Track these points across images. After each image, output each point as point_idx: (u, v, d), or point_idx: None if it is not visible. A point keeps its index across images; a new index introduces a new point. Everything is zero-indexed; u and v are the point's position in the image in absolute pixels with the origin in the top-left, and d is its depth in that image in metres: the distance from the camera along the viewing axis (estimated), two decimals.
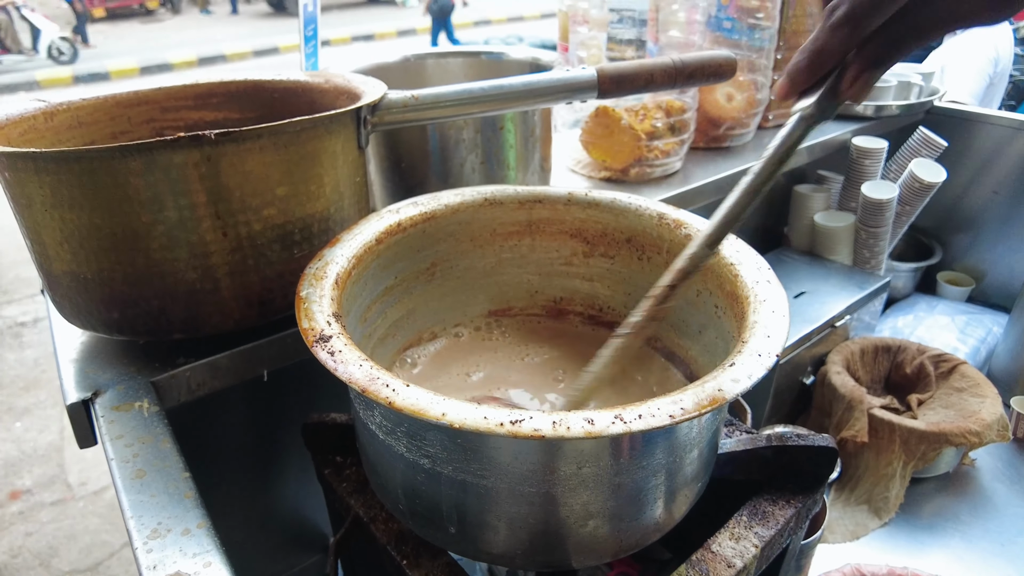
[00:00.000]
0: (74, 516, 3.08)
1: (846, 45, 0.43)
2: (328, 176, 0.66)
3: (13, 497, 3.16)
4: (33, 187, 0.58)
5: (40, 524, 3.03)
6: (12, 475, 3.26)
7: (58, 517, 3.06)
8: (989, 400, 1.11)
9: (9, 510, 3.09)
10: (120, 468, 0.54)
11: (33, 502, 3.12)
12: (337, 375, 0.44)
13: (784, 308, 0.53)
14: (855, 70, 0.43)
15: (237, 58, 10.85)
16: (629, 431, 0.40)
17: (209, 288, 0.61)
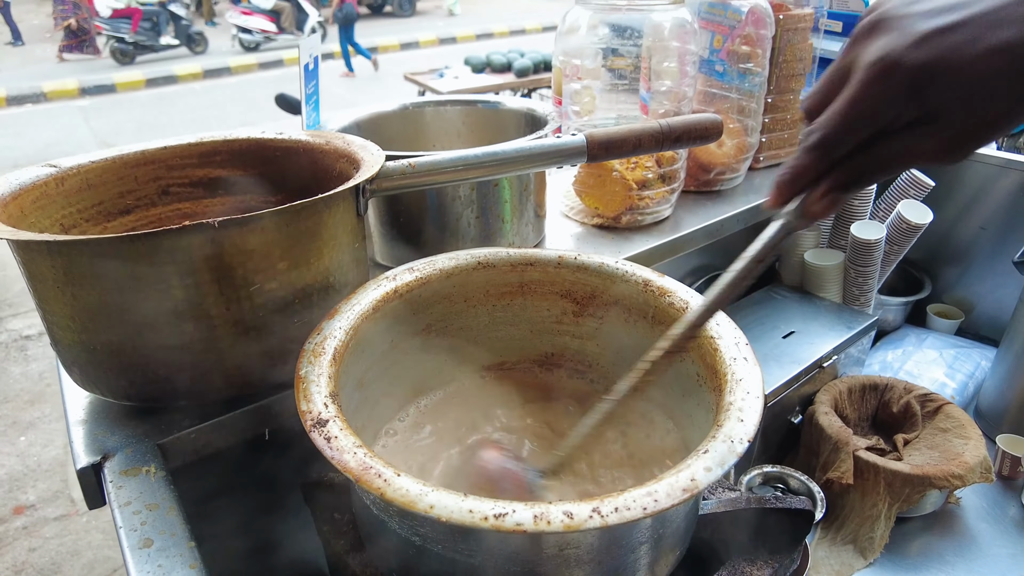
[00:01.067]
0: (77, 532, 3.10)
1: (817, 169, 0.47)
2: (327, 247, 0.69)
3: (17, 512, 3.19)
4: (45, 267, 0.61)
5: (44, 539, 3.06)
6: (16, 490, 3.29)
7: (61, 533, 3.09)
8: (973, 442, 1.14)
9: (13, 525, 3.12)
10: (128, 536, 0.57)
11: (37, 517, 3.15)
12: (332, 462, 0.47)
13: (758, 389, 0.56)
14: (822, 190, 0.48)
15: (243, 70, 10.95)
16: (606, 524, 0.43)
17: (214, 359, 0.64)
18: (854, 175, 0.46)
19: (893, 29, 0.43)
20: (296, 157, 0.88)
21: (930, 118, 0.43)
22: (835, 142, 0.45)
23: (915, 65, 0.41)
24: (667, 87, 1.09)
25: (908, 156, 0.45)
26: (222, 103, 9.33)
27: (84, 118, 8.77)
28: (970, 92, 0.41)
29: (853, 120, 0.44)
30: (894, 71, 0.42)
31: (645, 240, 1.11)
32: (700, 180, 1.26)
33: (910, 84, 0.42)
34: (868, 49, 0.44)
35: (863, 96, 0.43)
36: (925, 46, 0.41)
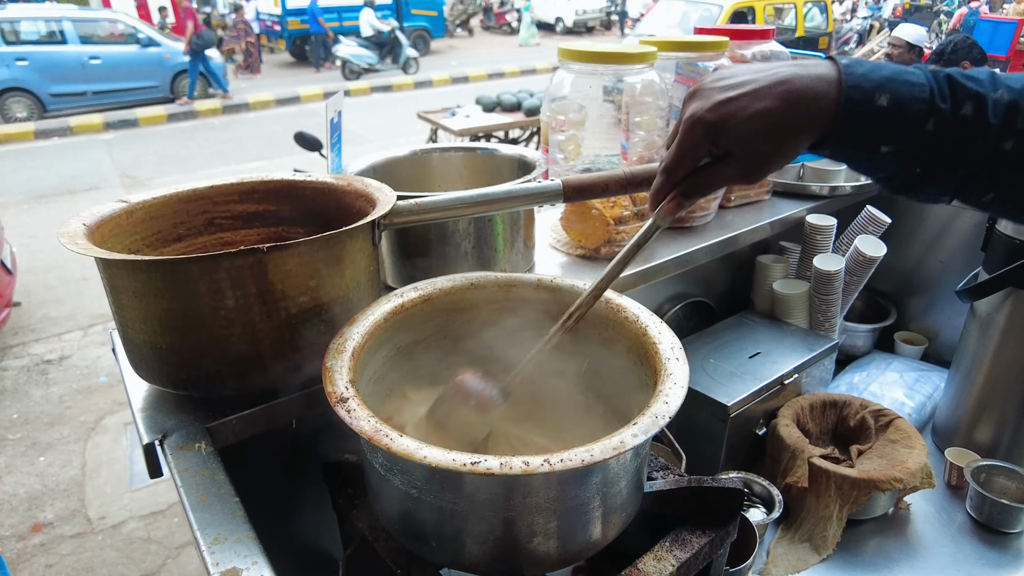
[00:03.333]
0: (93, 549, 3.22)
1: (666, 186, 0.71)
2: (348, 269, 0.86)
3: (35, 530, 3.31)
4: (128, 280, 0.78)
5: (60, 556, 3.18)
6: (35, 508, 3.42)
7: (77, 550, 3.21)
8: (916, 451, 1.27)
9: (31, 542, 3.24)
10: (188, 494, 0.72)
11: (54, 535, 3.28)
12: (351, 427, 0.63)
13: (684, 381, 0.71)
14: (670, 199, 0.72)
15: (260, 106, 11.33)
16: (553, 470, 0.58)
17: (255, 356, 0.80)
18: (689, 189, 0.70)
19: (700, 97, 0.66)
20: (322, 196, 1.05)
21: (727, 154, 0.66)
22: (672, 169, 0.69)
23: (709, 121, 0.64)
24: (640, 137, 1.26)
25: (720, 178, 0.68)
26: (240, 138, 9.66)
27: (108, 151, 9.11)
28: (746, 139, 0.64)
29: (680, 156, 0.68)
30: (697, 125, 0.65)
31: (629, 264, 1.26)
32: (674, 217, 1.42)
33: (708, 133, 0.65)
34: (687, 110, 0.67)
35: (682, 141, 0.67)
36: (716, 110, 0.64)
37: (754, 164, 0.66)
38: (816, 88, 0.62)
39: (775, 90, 0.62)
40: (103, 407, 4.08)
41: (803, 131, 0.63)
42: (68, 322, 4.96)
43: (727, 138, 0.64)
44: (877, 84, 0.61)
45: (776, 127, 0.63)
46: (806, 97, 0.62)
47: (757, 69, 0.65)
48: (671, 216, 0.73)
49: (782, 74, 0.63)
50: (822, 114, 0.62)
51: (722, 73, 0.67)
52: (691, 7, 9.83)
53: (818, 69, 0.63)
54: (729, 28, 1.52)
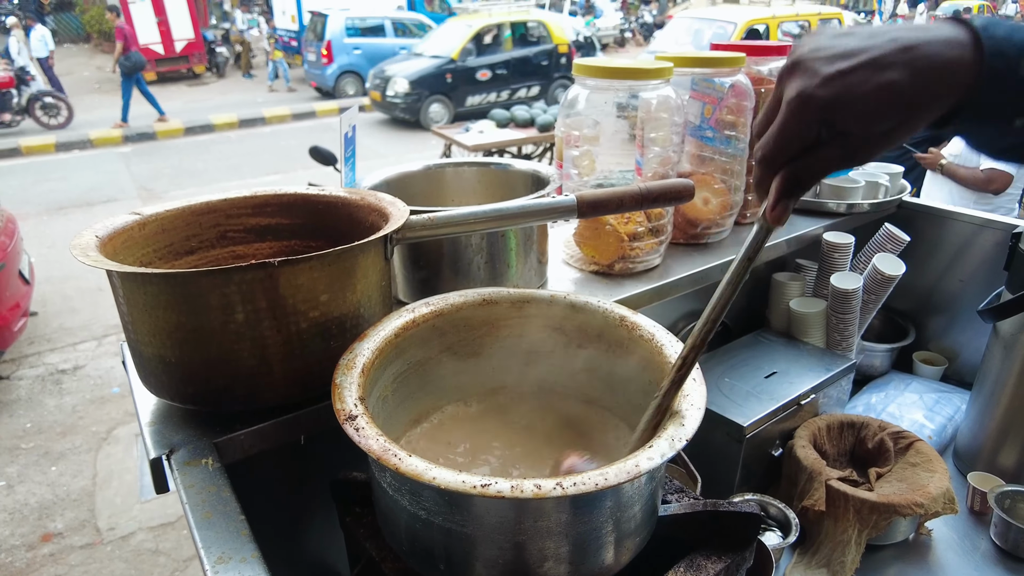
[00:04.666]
0: (101, 560, 3.22)
1: (767, 177, 0.61)
2: (360, 284, 0.85)
3: (45, 539, 3.32)
4: (138, 293, 0.77)
5: (69, 567, 3.18)
6: (45, 518, 3.43)
7: (86, 561, 3.21)
8: (938, 475, 1.24)
9: (41, 552, 3.24)
10: (192, 510, 0.71)
11: (64, 545, 3.28)
12: (360, 446, 0.61)
13: (701, 402, 0.69)
14: (772, 202, 0.62)
15: (276, 120, 11.45)
16: (565, 494, 0.56)
17: (265, 371, 0.79)
18: (792, 181, 0.60)
19: (805, 72, 0.57)
20: (335, 210, 1.04)
21: (840, 136, 0.57)
22: (773, 159, 0.60)
23: (824, 99, 0.55)
24: (655, 153, 1.25)
25: (826, 163, 0.59)
26: (255, 151, 9.76)
27: (125, 164, 9.24)
28: (865, 118, 0.55)
29: (784, 140, 0.58)
30: (809, 104, 0.56)
31: (635, 285, 1.25)
32: (689, 234, 1.41)
33: (822, 113, 0.56)
34: (789, 87, 0.58)
35: (788, 123, 0.58)
36: (830, 84, 0.55)
37: (869, 145, 0.58)
38: (948, 55, 0.54)
39: (901, 58, 0.54)
40: (115, 417, 4.10)
41: (933, 105, 0.55)
42: (83, 332, 5.00)
43: (845, 118, 0.55)
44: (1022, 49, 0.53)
45: (905, 102, 0.54)
46: (938, 65, 0.54)
47: (869, 33, 0.57)
48: (779, 222, 0.63)
49: (904, 39, 0.55)
50: (958, 85, 0.54)
51: (822, 41, 0.58)
52: (705, 24, 9.85)
53: (944, 31, 0.55)
54: (746, 44, 1.52)
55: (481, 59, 11.03)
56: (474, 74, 10.99)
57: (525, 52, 11.46)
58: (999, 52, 0.53)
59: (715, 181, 1.40)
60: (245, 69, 15.61)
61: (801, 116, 0.57)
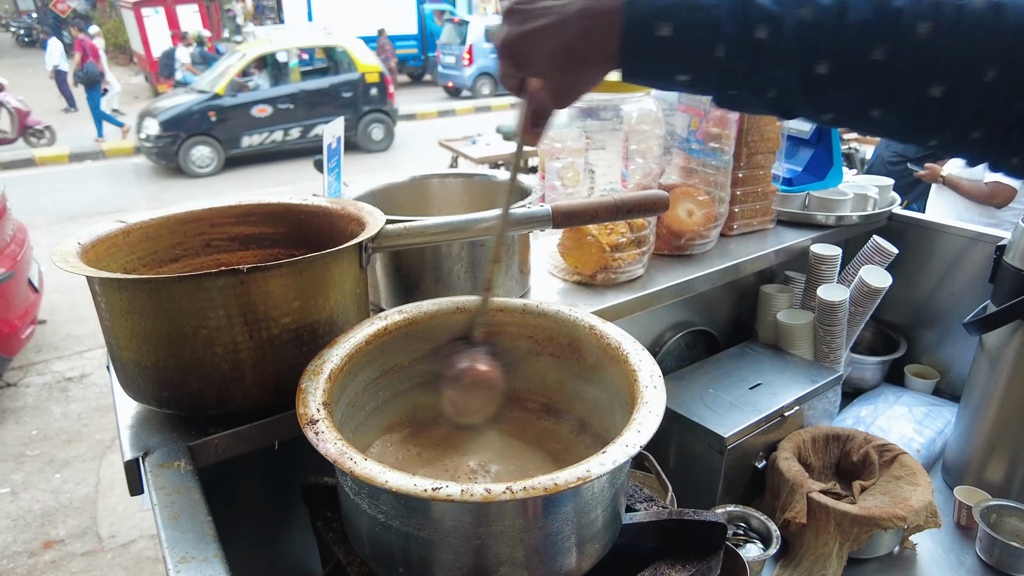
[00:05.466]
0: (102, 567, 3.23)
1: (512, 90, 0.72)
2: (333, 292, 0.86)
3: (47, 546, 3.34)
4: (115, 298, 0.79)
5: (70, 574, 3.20)
6: (48, 525, 3.45)
7: (87, 568, 3.23)
8: (921, 488, 1.23)
9: (42, 559, 3.27)
10: (161, 511, 0.72)
11: (65, 552, 3.30)
12: (317, 450, 0.63)
13: (659, 409, 0.70)
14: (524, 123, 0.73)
15: None
16: (515, 498, 0.57)
17: (237, 376, 0.81)
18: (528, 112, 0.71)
19: (508, 24, 0.66)
20: (317, 219, 1.06)
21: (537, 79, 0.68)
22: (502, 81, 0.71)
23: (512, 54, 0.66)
24: (638, 164, 1.26)
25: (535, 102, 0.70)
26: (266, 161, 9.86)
27: (136, 174, 9.35)
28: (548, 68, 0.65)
29: (501, 76, 0.71)
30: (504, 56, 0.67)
31: (617, 296, 1.26)
32: (673, 245, 1.42)
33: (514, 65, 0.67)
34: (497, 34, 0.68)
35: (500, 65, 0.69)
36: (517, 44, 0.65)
37: (562, 89, 0.67)
38: (600, 21, 0.61)
39: (572, 23, 0.62)
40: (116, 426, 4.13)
41: (597, 62, 0.64)
42: (90, 340, 5.05)
43: (531, 68, 0.67)
44: (659, 12, 0.59)
45: (572, 58, 0.63)
46: (598, 29, 0.61)
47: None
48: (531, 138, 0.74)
49: (579, 3, 0.62)
50: (611, 46, 0.61)
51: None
52: None
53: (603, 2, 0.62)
54: None
55: (258, 93, 9.46)
56: (248, 111, 9.32)
57: (319, 83, 9.90)
58: (635, 17, 0.60)
59: (699, 193, 1.41)
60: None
61: (503, 62, 0.68)
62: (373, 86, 10.12)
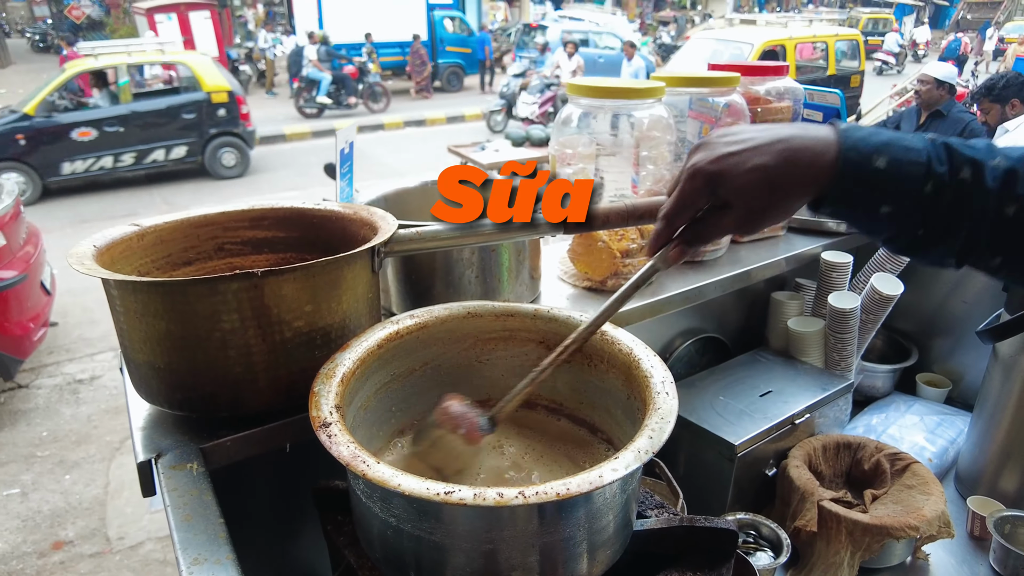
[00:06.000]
0: (110, 569, 3.25)
1: (667, 232, 0.74)
2: (346, 296, 0.87)
3: (56, 547, 3.36)
4: (130, 301, 0.80)
5: (78, 575, 3.21)
6: (57, 526, 3.47)
7: (95, 569, 3.24)
8: (933, 498, 1.22)
9: (51, 560, 3.28)
10: (174, 512, 0.73)
11: (74, 553, 3.32)
12: (331, 452, 0.63)
13: (672, 416, 0.70)
14: (674, 246, 0.75)
15: (296, 138, 11.64)
16: (527, 502, 0.57)
17: (250, 379, 0.81)
18: (690, 237, 0.73)
19: (705, 149, 0.69)
20: (329, 224, 1.07)
21: (725, 205, 0.68)
22: (673, 216, 0.73)
23: (709, 172, 0.67)
24: (649, 170, 1.26)
25: (717, 228, 0.72)
26: (275, 167, 9.92)
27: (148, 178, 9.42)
28: (743, 191, 0.67)
29: (681, 204, 0.71)
30: (698, 175, 0.68)
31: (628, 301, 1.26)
32: None
33: (707, 183, 0.68)
34: (691, 160, 0.70)
35: (684, 189, 0.70)
36: (717, 162, 0.67)
37: (751, 217, 0.69)
38: (815, 148, 0.65)
39: (774, 147, 0.66)
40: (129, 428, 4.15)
41: (799, 188, 0.66)
42: (101, 343, 5.09)
43: (725, 189, 0.67)
44: (875, 147, 0.64)
45: (772, 182, 0.66)
46: (804, 156, 0.65)
47: (762, 128, 0.69)
48: (674, 263, 0.75)
49: (783, 134, 0.67)
50: (820, 173, 0.65)
51: (729, 129, 0.70)
52: (722, 45, 9.89)
53: (818, 131, 0.66)
54: (742, 64, 1.53)
55: (78, 115, 8.25)
56: (68, 134, 8.13)
57: (154, 104, 8.71)
58: (854, 147, 0.64)
59: None
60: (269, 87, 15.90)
61: (692, 184, 0.69)
62: (221, 107, 8.95)
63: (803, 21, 12.78)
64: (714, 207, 0.70)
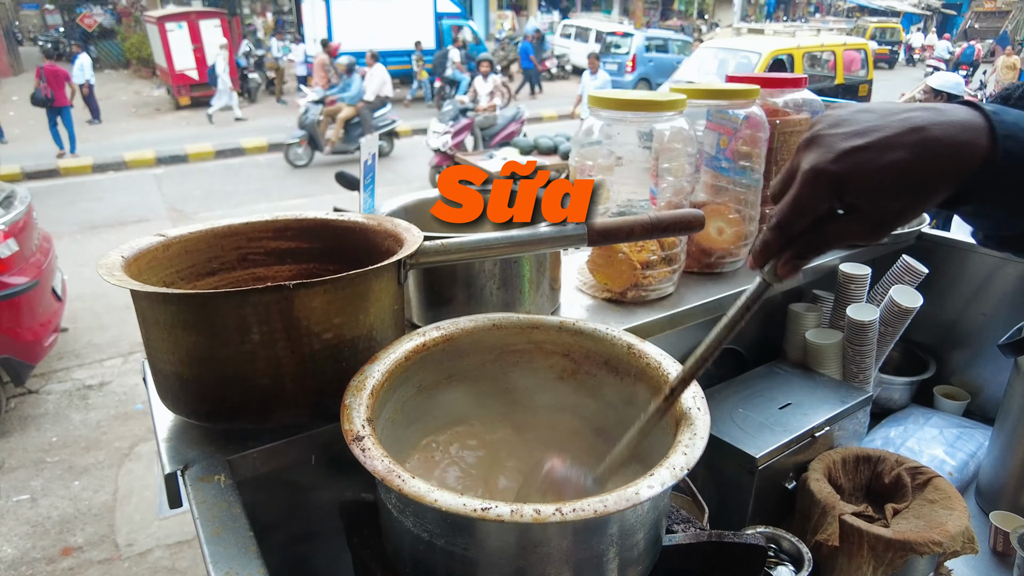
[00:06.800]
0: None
1: (778, 243, 0.63)
2: (373, 307, 0.87)
3: (65, 553, 3.36)
4: (159, 312, 0.80)
5: None
6: (66, 532, 3.47)
7: None
8: (957, 513, 1.21)
9: (60, 566, 3.28)
10: (203, 526, 0.72)
11: (83, 559, 3.32)
12: (365, 466, 0.63)
13: (704, 432, 0.69)
14: (785, 259, 0.63)
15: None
16: (564, 519, 0.57)
17: (278, 391, 0.81)
18: (806, 248, 0.62)
19: (820, 145, 0.59)
20: (353, 235, 1.07)
21: (851, 210, 0.59)
22: (787, 225, 0.61)
23: (835, 173, 0.57)
24: (669, 183, 1.26)
25: (841, 236, 0.61)
26: (284, 175, 9.95)
27: (158, 185, 9.48)
28: (876, 194, 0.57)
29: (797, 211, 0.60)
30: (821, 177, 0.58)
31: (648, 313, 1.26)
32: (703, 263, 1.41)
33: (832, 187, 0.58)
34: (805, 159, 0.60)
35: (801, 193, 0.59)
36: (842, 160, 0.57)
37: (882, 221, 0.59)
38: (958, 136, 0.56)
39: (908, 139, 0.56)
40: (138, 434, 4.16)
41: (941, 185, 0.57)
42: (110, 349, 5.10)
43: (854, 192, 0.57)
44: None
45: (911, 181, 0.56)
46: (947, 147, 0.56)
47: (884, 112, 0.59)
48: (786, 278, 0.65)
49: (916, 120, 0.57)
50: (967, 166, 0.56)
51: (840, 115, 0.61)
52: (729, 55, 9.91)
53: (958, 115, 0.57)
54: (760, 76, 1.53)
55: None
56: None
57: None
58: (1011, 135, 0.55)
59: (730, 211, 1.41)
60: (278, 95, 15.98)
61: (814, 188, 0.58)
62: None
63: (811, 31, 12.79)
64: (835, 212, 0.60)
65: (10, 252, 4.04)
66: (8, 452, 4.00)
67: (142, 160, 10.47)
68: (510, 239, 0.96)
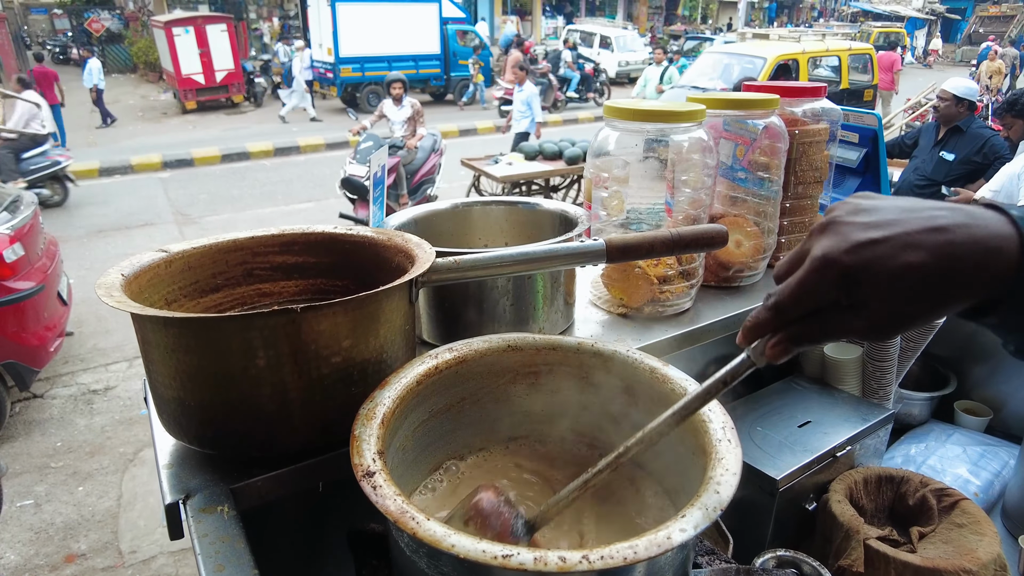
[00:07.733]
0: None
1: (773, 324, 0.58)
2: (384, 328, 0.83)
3: (68, 560, 3.33)
4: (160, 335, 0.77)
5: None
6: (70, 539, 3.45)
7: None
8: (987, 539, 1.17)
9: (63, 573, 3.26)
10: (205, 562, 0.69)
11: (86, 566, 3.29)
12: (376, 506, 0.59)
13: (736, 467, 0.65)
14: (775, 341, 0.59)
15: (310, 149, 11.68)
16: (592, 568, 0.53)
17: (284, 417, 0.78)
18: (800, 335, 0.58)
19: (835, 233, 0.55)
20: (362, 250, 1.03)
21: (859, 306, 0.54)
22: (785, 309, 0.57)
23: (846, 265, 0.53)
24: (686, 194, 1.22)
25: (841, 330, 0.56)
26: (289, 179, 9.95)
27: (164, 189, 9.48)
28: (888, 294, 0.53)
29: (799, 296, 0.56)
30: (831, 267, 0.54)
31: (665, 330, 1.22)
32: (720, 276, 1.37)
33: (841, 279, 0.53)
34: (817, 244, 0.56)
35: (807, 280, 0.55)
36: (856, 252, 0.53)
37: (889, 324, 0.54)
38: (986, 243, 0.52)
39: (930, 240, 0.52)
40: (142, 439, 4.13)
41: (962, 294, 0.53)
42: (116, 353, 5.08)
43: (865, 289, 0.53)
44: None
45: (929, 286, 0.52)
46: (972, 254, 0.52)
47: (907, 206, 0.55)
48: (772, 361, 0.60)
49: (939, 220, 0.53)
50: (994, 278, 0.52)
51: (860, 204, 0.57)
52: (734, 60, 9.85)
53: (985, 219, 0.53)
54: (778, 85, 1.49)
55: None
56: None
57: None
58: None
59: (748, 223, 1.37)
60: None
61: (821, 277, 0.54)
62: None
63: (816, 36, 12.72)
64: (839, 304, 0.55)
65: (16, 256, 4.03)
66: (12, 457, 3.97)
67: (148, 164, 10.48)
68: (525, 255, 0.92)
